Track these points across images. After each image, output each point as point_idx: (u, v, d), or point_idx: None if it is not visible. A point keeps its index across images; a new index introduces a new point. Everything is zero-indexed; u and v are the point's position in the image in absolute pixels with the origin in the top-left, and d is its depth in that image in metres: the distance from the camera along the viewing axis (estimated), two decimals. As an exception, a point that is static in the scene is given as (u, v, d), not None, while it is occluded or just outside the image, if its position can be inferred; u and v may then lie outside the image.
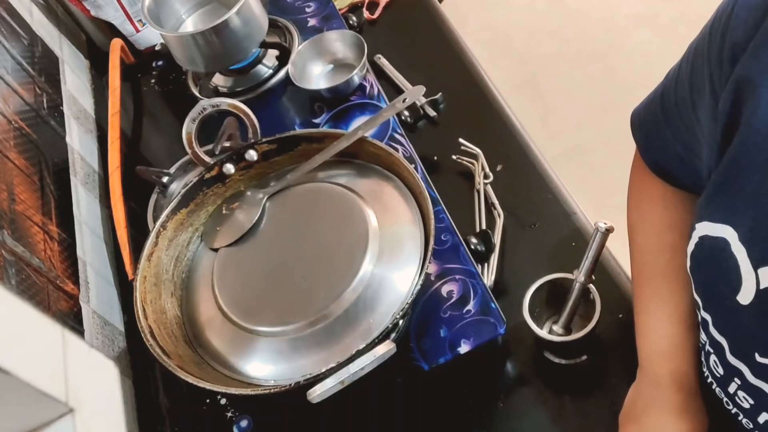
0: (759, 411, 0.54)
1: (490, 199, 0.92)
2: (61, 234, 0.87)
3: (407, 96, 0.83)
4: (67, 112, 1.05)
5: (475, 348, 0.74)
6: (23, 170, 0.84)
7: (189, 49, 1.00)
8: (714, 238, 0.49)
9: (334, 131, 0.80)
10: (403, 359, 0.74)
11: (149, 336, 0.69)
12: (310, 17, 1.15)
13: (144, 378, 0.84)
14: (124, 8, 1.18)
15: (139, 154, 1.10)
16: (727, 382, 0.56)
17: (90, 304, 0.85)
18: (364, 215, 0.74)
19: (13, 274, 0.71)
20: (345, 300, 0.68)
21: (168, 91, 1.16)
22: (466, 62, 1.09)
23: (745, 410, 0.56)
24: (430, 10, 1.19)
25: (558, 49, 2.34)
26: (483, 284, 0.78)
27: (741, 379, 0.54)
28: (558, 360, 0.76)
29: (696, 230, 0.52)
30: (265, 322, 0.70)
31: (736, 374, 0.54)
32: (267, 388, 0.64)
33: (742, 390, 0.54)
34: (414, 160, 0.92)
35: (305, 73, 1.06)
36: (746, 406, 0.55)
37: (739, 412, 0.57)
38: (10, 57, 0.94)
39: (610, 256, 0.84)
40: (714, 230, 0.49)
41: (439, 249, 0.81)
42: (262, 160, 0.83)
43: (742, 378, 0.53)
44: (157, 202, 0.99)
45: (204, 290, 0.77)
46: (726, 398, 0.58)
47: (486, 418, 0.75)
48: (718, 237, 0.49)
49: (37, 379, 0.59)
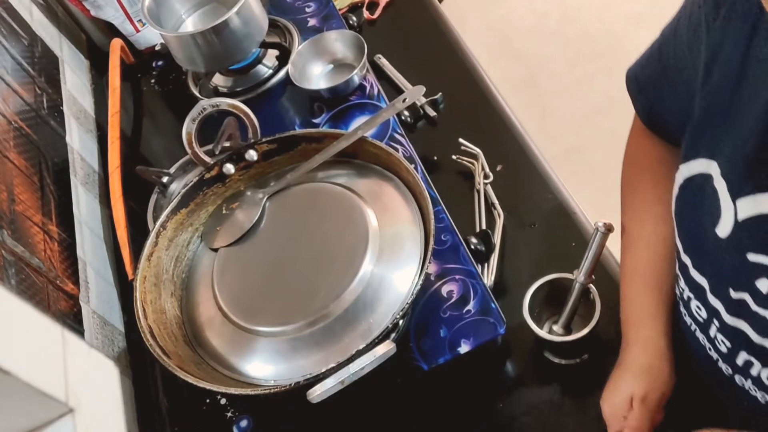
0: (736, 353, 0.56)
1: (490, 199, 0.92)
2: (61, 234, 0.87)
3: (407, 96, 0.83)
4: (67, 112, 1.05)
5: (475, 348, 0.74)
6: (23, 170, 0.84)
7: (189, 49, 1.00)
8: (697, 175, 0.53)
9: (334, 131, 0.80)
10: (403, 359, 0.74)
11: (149, 336, 0.69)
12: (310, 17, 1.15)
13: (144, 378, 0.84)
14: (124, 8, 1.18)
15: (139, 154, 1.10)
16: (708, 326, 0.59)
17: (90, 304, 0.85)
18: (364, 215, 0.74)
19: (13, 274, 0.71)
20: (345, 300, 0.68)
21: (168, 91, 1.16)
22: (465, 62, 1.09)
23: (723, 355, 0.58)
24: (430, 10, 1.19)
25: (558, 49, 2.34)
26: (483, 284, 0.78)
27: (719, 320, 0.56)
28: (558, 360, 0.76)
29: (680, 171, 0.55)
30: (265, 322, 0.70)
31: (715, 315, 0.57)
32: (267, 388, 0.64)
33: (721, 332, 0.57)
34: (414, 160, 0.92)
35: (305, 73, 1.06)
36: (724, 350, 0.58)
37: (719, 357, 0.59)
38: (10, 57, 0.94)
39: (610, 256, 0.84)
40: (698, 167, 0.53)
41: (439, 249, 0.81)
42: (262, 160, 0.83)
43: (720, 319, 0.56)
44: (157, 202, 0.99)
45: (204, 290, 0.77)
46: (708, 344, 0.60)
47: (486, 418, 0.75)
48: (701, 173, 0.52)
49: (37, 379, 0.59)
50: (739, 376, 0.58)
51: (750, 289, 0.51)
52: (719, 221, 0.51)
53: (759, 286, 0.50)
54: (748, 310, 0.52)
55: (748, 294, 0.52)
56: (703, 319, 0.60)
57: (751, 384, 0.57)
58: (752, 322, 0.53)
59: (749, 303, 0.52)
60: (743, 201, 0.49)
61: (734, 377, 0.59)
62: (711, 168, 0.51)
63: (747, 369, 0.56)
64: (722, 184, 0.50)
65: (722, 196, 0.50)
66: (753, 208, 0.48)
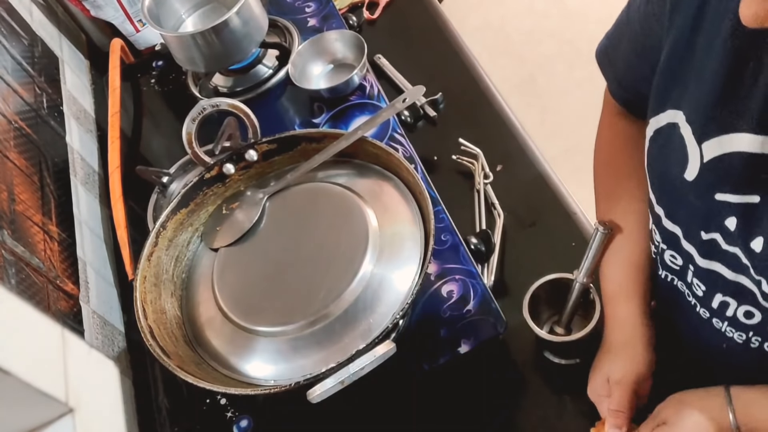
0: (712, 295, 0.59)
1: (490, 199, 0.92)
2: (61, 234, 0.87)
3: (407, 96, 0.83)
4: (67, 112, 1.05)
5: (475, 348, 0.74)
6: (23, 170, 0.84)
7: (189, 49, 1.00)
8: (665, 126, 0.56)
9: (334, 131, 0.80)
10: (403, 359, 0.74)
11: (149, 336, 0.69)
12: (310, 17, 1.15)
13: (144, 378, 0.84)
14: (124, 8, 1.18)
15: (139, 154, 1.10)
16: (684, 272, 0.62)
17: (90, 304, 0.85)
18: (364, 215, 0.73)
19: (13, 274, 0.71)
20: (345, 300, 0.68)
21: (168, 91, 1.16)
22: (465, 62, 1.09)
23: (700, 299, 0.61)
24: (430, 10, 1.19)
25: (557, 49, 2.34)
26: (483, 284, 0.78)
27: (693, 265, 0.59)
28: (558, 360, 0.76)
29: (650, 125, 0.58)
30: (265, 322, 0.70)
31: (690, 261, 0.60)
32: (267, 388, 0.64)
33: (696, 277, 0.60)
34: (414, 160, 0.92)
35: (305, 73, 1.06)
36: (700, 293, 0.61)
37: (696, 302, 0.62)
38: (10, 57, 0.94)
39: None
40: (665, 118, 0.56)
41: (439, 249, 0.81)
42: (262, 160, 0.83)
43: (694, 264, 0.59)
44: (157, 202, 0.99)
45: (204, 290, 0.77)
46: (687, 290, 0.63)
47: (486, 418, 0.75)
48: (668, 123, 0.55)
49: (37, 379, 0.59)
50: (716, 318, 0.61)
51: (720, 229, 0.54)
52: (687, 165, 0.54)
53: (728, 225, 0.53)
54: (720, 250, 0.55)
55: (718, 234, 0.54)
56: (679, 266, 0.62)
57: (727, 326, 0.60)
58: (725, 262, 0.55)
59: (720, 243, 0.54)
60: (708, 143, 0.51)
61: (711, 320, 0.61)
62: (677, 117, 0.54)
63: (723, 311, 0.59)
64: (688, 130, 0.53)
65: (689, 141, 0.53)
66: (717, 149, 0.51)
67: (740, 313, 0.58)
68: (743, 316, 0.58)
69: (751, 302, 0.56)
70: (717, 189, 0.52)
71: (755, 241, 0.51)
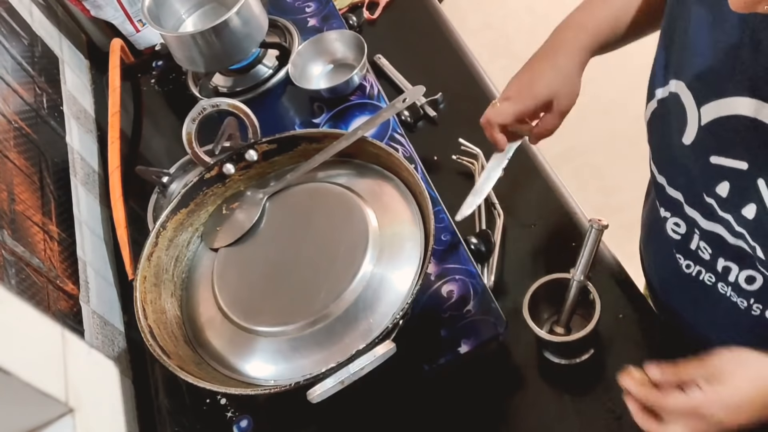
0: (716, 259, 0.62)
1: (490, 199, 0.92)
2: (61, 234, 0.87)
3: (407, 96, 0.83)
4: (67, 112, 1.05)
5: (475, 348, 0.74)
6: (23, 170, 0.84)
7: (189, 49, 1.00)
8: (668, 96, 0.59)
9: (334, 131, 0.80)
10: (403, 359, 0.74)
11: (149, 336, 0.69)
12: (310, 17, 1.15)
13: (144, 378, 0.84)
14: (124, 8, 1.18)
15: (139, 154, 1.10)
16: (689, 238, 0.64)
17: (90, 304, 0.85)
18: (364, 215, 0.73)
19: (13, 274, 0.71)
20: (345, 300, 0.68)
21: (168, 91, 1.16)
22: (466, 62, 1.09)
23: (706, 263, 0.63)
24: (430, 10, 1.19)
25: (558, 49, 2.33)
26: (483, 284, 0.78)
27: (698, 228, 0.62)
28: (558, 360, 0.76)
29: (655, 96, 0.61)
30: (265, 322, 0.70)
31: (694, 225, 0.62)
32: (267, 388, 0.64)
33: (702, 239, 0.62)
34: (414, 160, 0.92)
35: (305, 73, 1.06)
36: (706, 257, 0.63)
37: (702, 268, 0.64)
38: (10, 57, 0.94)
39: (610, 256, 0.84)
40: (669, 88, 0.59)
41: (439, 249, 0.81)
42: (262, 160, 0.83)
43: (699, 227, 0.61)
44: (157, 202, 0.99)
45: (204, 290, 0.77)
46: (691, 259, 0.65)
47: (486, 418, 0.75)
48: (671, 93, 0.58)
49: (37, 379, 0.59)
50: (721, 283, 0.63)
51: (714, 195, 0.56)
52: (685, 130, 0.57)
53: (719, 192, 0.55)
54: (717, 215, 0.58)
55: (713, 201, 0.57)
56: (682, 234, 0.65)
57: (731, 290, 0.62)
58: (725, 225, 0.58)
59: (716, 209, 0.57)
60: (706, 107, 0.54)
61: (717, 285, 0.63)
62: (679, 87, 0.57)
63: (726, 275, 0.61)
64: (689, 96, 0.56)
65: (689, 107, 0.56)
66: (715, 112, 0.54)
67: (742, 278, 0.60)
68: (745, 282, 0.60)
69: (752, 266, 0.58)
70: (712, 152, 0.55)
71: (747, 208, 0.53)
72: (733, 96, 0.52)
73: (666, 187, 0.64)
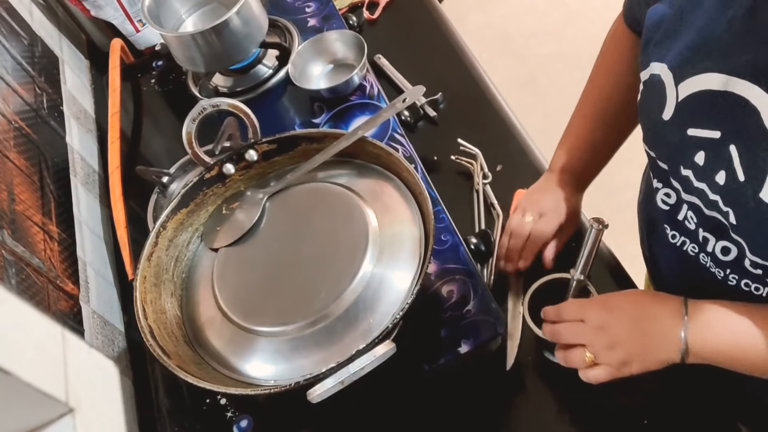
0: (698, 230, 0.65)
1: (489, 199, 0.92)
2: (61, 234, 0.87)
3: (407, 96, 0.83)
4: (67, 112, 1.05)
5: (475, 348, 0.74)
6: (23, 170, 0.84)
7: (189, 49, 1.00)
8: (651, 76, 0.63)
9: (334, 131, 0.80)
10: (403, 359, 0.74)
11: (149, 336, 0.69)
12: (310, 17, 1.15)
13: (144, 378, 0.84)
14: (124, 8, 1.18)
15: (139, 154, 1.10)
16: (677, 209, 0.67)
17: (90, 304, 0.85)
18: (364, 215, 0.73)
19: (13, 274, 0.71)
20: (345, 300, 0.68)
21: (168, 91, 1.16)
22: (466, 62, 1.09)
23: (690, 233, 0.67)
24: (430, 10, 1.19)
25: (558, 50, 2.34)
26: (483, 284, 0.78)
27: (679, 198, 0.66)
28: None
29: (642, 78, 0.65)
30: (265, 322, 0.70)
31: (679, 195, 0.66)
32: (267, 388, 0.64)
33: (691, 210, 0.65)
34: (414, 160, 0.92)
35: (305, 73, 1.06)
36: (692, 227, 0.66)
37: (686, 238, 0.68)
38: (10, 57, 0.94)
39: (609, 256, 0.84)
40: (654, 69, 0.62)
41: (439, 249, 0.81)
42: (262, 160, 0.83)
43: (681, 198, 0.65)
44: (157, 202, 0.99)
45: (204, 290, 0.77)
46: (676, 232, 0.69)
47: (486, 418, 0.75)
48: (655, 74, 0.62)
49: (37, 379, 0.59)
50: (702, 254, 0.66)
51: (692, 165, 0.60)
52: (665, 107, 0.61)
53: (697, 160, 0.59)
54: (692, 187, 0.61)
55: (690, 171, 0.60)
56: (671, 204, 0.68)
57: (710, 261, 0.65)
58: (699, 197, 0.62)
59: (692, 180, 0.61)
60: (683, 84, 0.59)
61: (699, 257, 0.67)
62: (662, 69, 0.61)
63: (705, 245, 0.65)
64: (669, 76, 0.60)
65: (668, 85, 0.60)
66: (690, 88, 0.58)
67: (718, 249, 0.63)
68: (720, 253, 0.63)
69: (727, 237, 0.61)
70: (689, 125, 0.59)
71: (719, 175, 0.57)
72: (707, 72, 0.56)
73: (656, 159, 0.67)
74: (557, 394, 0.75)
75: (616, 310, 0.65)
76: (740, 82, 0.54)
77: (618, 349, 0.63)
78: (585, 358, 0.65)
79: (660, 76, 0.61)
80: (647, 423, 0.72)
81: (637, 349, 0.63)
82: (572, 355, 0.67)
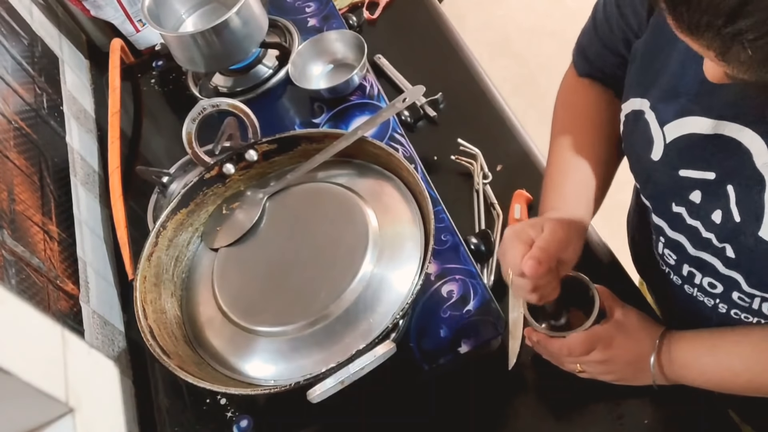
0: (681, 265, 0.66)
1: (489, 199, 0.92)
2: (61, 234, 0.87)
3: (407, 96, 0.83)
4: (67, 112, 1.05)
5: (475, 348, 0.74)
6: (23, 170, 0.84)
7: (189, 49, 1.00)
8: (631, 112, 0.63)
9: (334, 131, 0.80)
10: (403, 359, 0.74)
11: (149, 336, 0.69)
12: (310, 17, 1.15)
13: (144, 378, 0.84)
14: (124, 8, 1.18)
15: (139, 154, 1.10)
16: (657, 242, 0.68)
17: (90, 304, 0.85)
18: (364, 215, 0.73)
19: (13, 274, 0.71)
20: (345, 300, 0.68)
21: (168, 91, 1.16)
22: (466, 62, 1.09)
23: (672, 267, 0.68)
24: (429, 10, 1.19)
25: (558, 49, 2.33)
26: (483, 284, 0.78)
27: (663, 236, 0.66)
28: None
29: (623, 110, 0.65)
30: (265, 322, 0.70)
31: (660, 234, 0.66)
32: (267, 388, 0.64)
33: (667, 247, 0.66)
34: (414, 160, 0.92)
35: (305, 73, 1.06)
36: (672, 262, 0.67)
37: (670, 270, 0.69)
38: (10, 57, 0.94)
39: (607, 253, 0.84)
40: (631, 105, 0.63)
41: (439, 249, 0.81)
42: (262, 160, 0.83)
43: (664, 235, 0.65)
44: (157, 202, 0.99)
45: (204, 290, 0.77)
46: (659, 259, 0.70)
47: (486, 418, 0.75)
48: (634, 110, 0.62)
49: (37, 379, 0.59)
50: (687, 285, 0.67)
51: (686, 203, 0.59)
52: (653, 147, 0.60)
53: (693, 199, 0.58)
54: (685, 225, 0.61)
55: (683, 208, 0.60)
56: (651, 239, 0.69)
57: (697, 291, 0.66)
58: (688, 236, 0.61)
59: (685, 217, 0.60)
60: (669, 126, 0.58)
61: (683, 287, 0.68)
62: (643, 105, 0.61)
63: (692, 279, 0.65)
64: (652, 116, 0.60)
65: (653, 125, 0.60)
66: (677, 131, 0.58)
67: (705, 283, 0.64)
68: (708, 287, 0.64)
69: (712, 274, 0.62)
70: (681, 166, 0.58)
71: (715, 214, 0.57)
72: (692, 116, 0.56)
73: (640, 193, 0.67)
74: (559, 394, 0.75)
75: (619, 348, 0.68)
76: (729, 125, 0.54)
77: (609, 375, 0.70)
78: (576, 369, 0.71)
79: (643, 113, 0.61)
80: (647, 423, 0.72)
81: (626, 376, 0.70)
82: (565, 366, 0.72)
